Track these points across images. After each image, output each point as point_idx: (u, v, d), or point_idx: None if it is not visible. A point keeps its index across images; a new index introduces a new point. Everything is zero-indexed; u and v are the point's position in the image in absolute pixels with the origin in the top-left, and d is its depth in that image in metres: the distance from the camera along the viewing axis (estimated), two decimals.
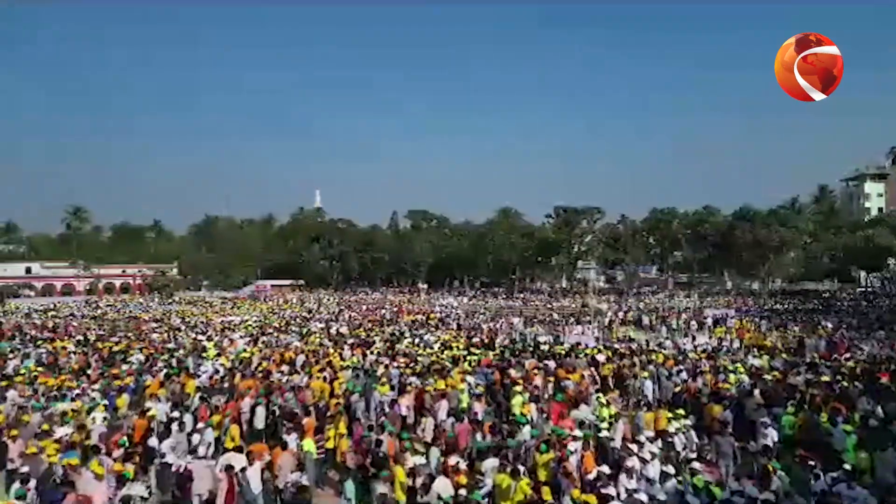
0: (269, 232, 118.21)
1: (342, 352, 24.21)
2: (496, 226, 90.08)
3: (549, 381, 18.10)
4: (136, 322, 39.91)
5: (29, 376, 18.11)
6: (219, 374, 19.31)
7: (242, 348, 25.08)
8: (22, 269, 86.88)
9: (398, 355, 22.87)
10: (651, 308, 49.39)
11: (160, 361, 21.09)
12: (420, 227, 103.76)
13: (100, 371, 19.62)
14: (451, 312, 45.12)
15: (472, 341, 26.50)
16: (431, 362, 20.83)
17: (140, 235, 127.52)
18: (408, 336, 28.91)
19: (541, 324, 36.92)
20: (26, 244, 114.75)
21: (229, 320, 39.22)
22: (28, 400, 15.44)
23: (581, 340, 26.56)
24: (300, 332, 31.98)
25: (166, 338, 29.75)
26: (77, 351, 24.07)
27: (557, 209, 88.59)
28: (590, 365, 20.62)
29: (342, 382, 17.69)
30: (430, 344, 25.48)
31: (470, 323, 38.30)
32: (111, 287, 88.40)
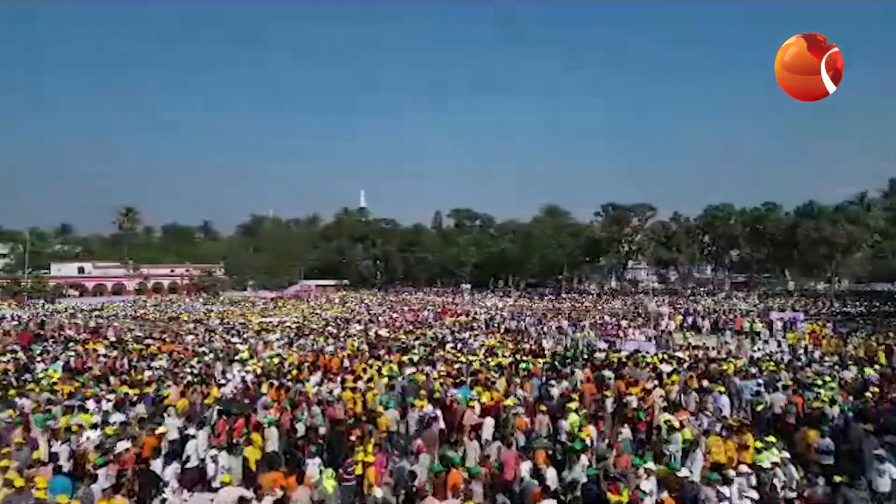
0: (314, 232, 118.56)
1: (379, 357, 22.62)
2: (542, 224, 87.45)
3: (608, 395, 15.97)
4: (176, 323, 39.36)
5: (48, 382, 17.05)
6: (245, 381, 17.91)
7: (276, 353, 23.71)
8: (75, 269, 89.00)
9: (438, 362, 21.10)
10: (710, 310, 46.17)
11: (187, 367, 19.85)
12: (464, 227, 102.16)
13: (123, 377, 18.48)
14: (496, 314, 43.08)
15: (520, 347, 24.47)
16: (474, 371, 18.96)
17: (189, 236, 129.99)
18: (450, 340, 27.10)
19: (592, 327, 34.51)
20: (81, 245, 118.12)
21: (267, 321, 38.25)
22: (37, 409, 14.27)
23: (640, 347, 24.17)
24: (338, 334, 30.62)
25: (200, 340, 28.77)
26: (107, 354, 23.16)
27: (606, 207, 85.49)
28: (653, 376, 18.36)
29: (376, 394, 16.00)
30: (473, 350, 23.55)
31: (516, 326, 36.22)
32: (159, 287, 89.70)
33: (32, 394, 15.46)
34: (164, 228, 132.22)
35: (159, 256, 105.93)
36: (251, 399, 15.87)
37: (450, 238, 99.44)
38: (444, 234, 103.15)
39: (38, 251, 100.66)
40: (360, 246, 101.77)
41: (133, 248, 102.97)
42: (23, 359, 21.94)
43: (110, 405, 14.16)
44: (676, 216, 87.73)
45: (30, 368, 20.72)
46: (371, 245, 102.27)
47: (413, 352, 23.10)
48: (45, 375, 18.09)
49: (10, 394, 15.45)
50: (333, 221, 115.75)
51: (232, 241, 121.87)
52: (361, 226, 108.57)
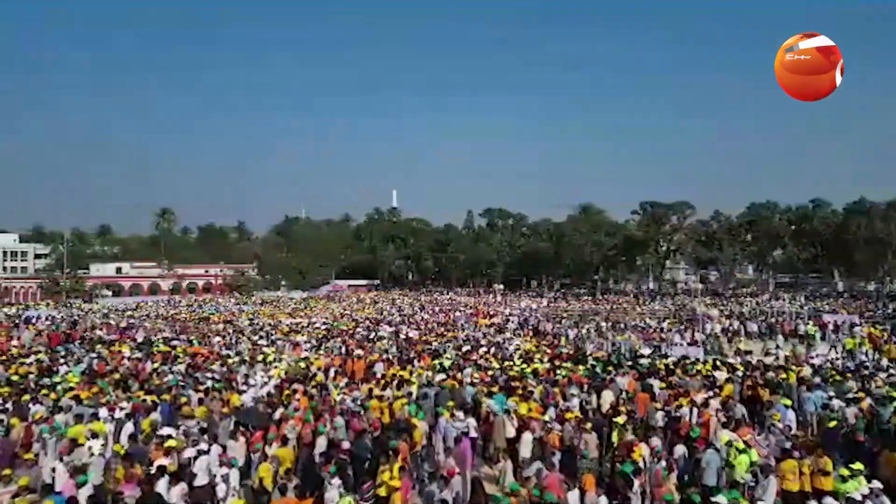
0: (346, 232, 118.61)
1: (409, 361, 21.52)
2: (577, 223, 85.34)
3: (657, 407, 14.53)
4: (206, 323, 38.99)
5: (64, 387, 16.39)
6: (268, 387, 16.98)
7: (302, 357, 22.80)
8: (113, 269, 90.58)
9: (471, 367, 19.87)
10: (757, 312, 43.85)
11: (209, 371, 19.03)
12: (496, 226, 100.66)
13: (144, 381, 17.74)
14: (531, 316, 41.62)
15: (559, 351, 23.06)
16: (510, 378, 17.68)
17: (224, 236, 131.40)
18: (483, 344, 25.83)
19: (634, 330, 32.82)
20: (120, 245, 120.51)
21: (296, 322, 37.56)
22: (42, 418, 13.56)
23: (689, 353, 22.52)
24: (367, 336, 29.66)
25: (227, 342, 28.09)
26: (132, 356, 22.55)
27: (644, 205, 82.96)
28: (706, 385, 16.81)
29: (404, 403, 14.86)
30: (508, 356, 22.21)
31: (552, 328, 34.74)
32: (194, 287, 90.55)
33: (47, 399, 14.77)
34: (200, 229, 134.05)
35: (195, 257, 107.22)
36: (272, 407, 14.91)
37: (482, 237, 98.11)
38: (475, 233, 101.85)
39: (78, 252, 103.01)
40: (391, 246, 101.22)
41: (170, 248, 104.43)
42: (46, 361, 21.45)
43: (123, 413, 13.28)
44: (717, 214, 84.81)
45: (52, 371, 20.23)
46: (402, 245, 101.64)
47: (444, 356, 21.92)
48: (62, 379, 17.42)
49: (23, 399, 14.78)
50: (365, 221, 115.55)
51: (265, 242, 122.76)
52: (393, 226, 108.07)
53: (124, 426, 12.71)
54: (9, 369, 19.58)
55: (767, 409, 14.73)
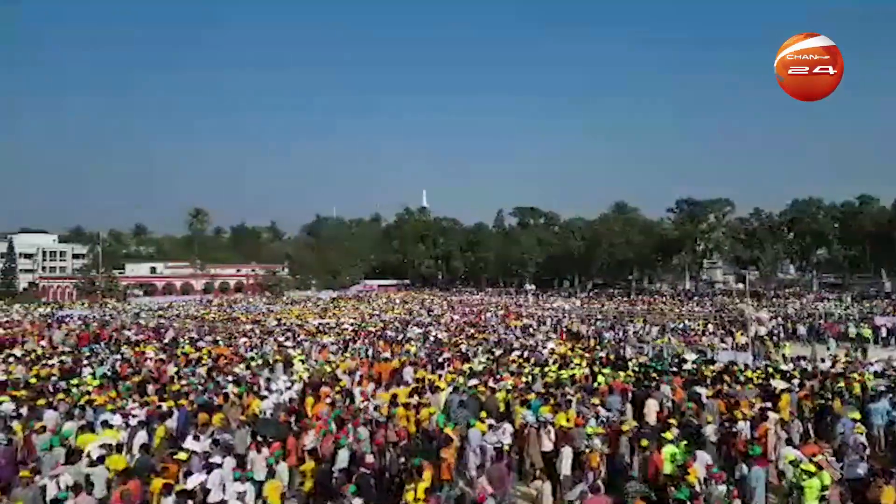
0: (376, 232, 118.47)
1: (439, 365, 20.57)
2: (611, 222, 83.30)
3: (709, 420, 13.26)
4: (235, 324, 38.68)
5: (82, 390, 15.87)
6: (291, 392, 16.19)
7: (326, 360, 22.00)
8: (147, 269, 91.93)
9: (504, 371, 18.83)
10: (804, 314, 41.69)
11: (231, 374, 18.35)
12: (527, 225, 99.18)
13: (162, 384, 17.14)
14: (564, 317, 40.28)
15: (598, 356, 21.80)
16: (546, 384, 16.57)
17: (257, 237, 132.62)
18: (516, 347, 24.70)
19: (674, 333, 31.33)
20: (155, 245, 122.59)
21: (325, 323, 36.95)
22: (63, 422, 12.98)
23: (736, 358, 21.05)
24: (395, 338, 28.78)
25: (253, 342, 27.51)
26: (156, 357, 22.05)
27: (680, 202, 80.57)
28: (762, 395, 15.44)
29: (432, 412, 13.90)
30: (542, 360, 21.03)
31: (587, 330, 33.40)
32: (226, 286, 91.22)
33: (62, 404, 14.20)
34: (232, 229, 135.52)
35: (227, 257, 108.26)
36: (294, 414, 14.10)
37: (512, 237, 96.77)
38: (506, 232, 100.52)
39: (114, 252, 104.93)
40: (421, 245, 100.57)
41: (203, 248, 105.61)
42: (69, 362, 21.08)
43: (136, 420, 12.57)
44: (757, 212, 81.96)
45: (75, 372, 19.83)
46: (432, 244, 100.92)
47: (475, 360, 20.89)
48: (79, 382, 16.90)
49: (39, 403, 14.24)
50: (395, 221, 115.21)
51: (296, 242, 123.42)
52: (423, 225, 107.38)
53: (137, 434, 12.01)
54: (31, 370, 19.24)
55: (834, 423, 13.38)
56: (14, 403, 13.98)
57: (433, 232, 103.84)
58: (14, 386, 16.42)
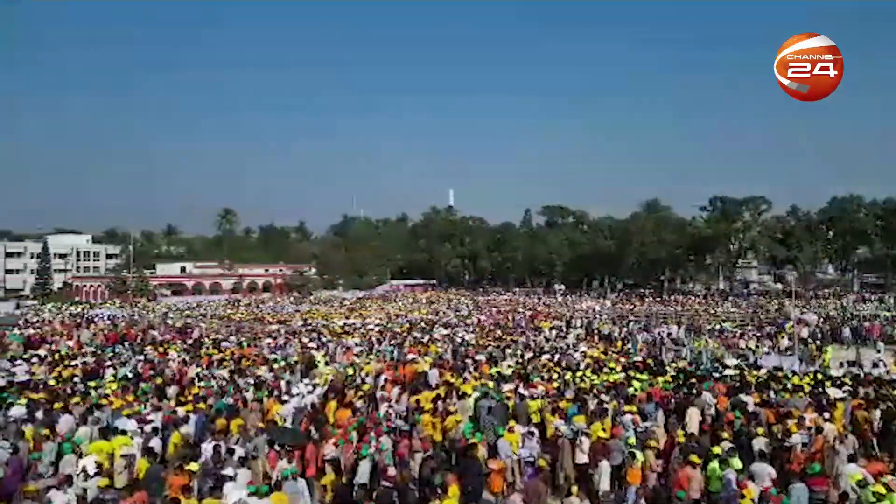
0: (403, 231, 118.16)
1: (464, 368, 19.80)
2: (642, 220, 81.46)
3: (758, 433, 12.23)
4: (261, 324, 38.45)
5: (102, 392, 15.50)
6: (312, 395, 15.56)
7: (349, 362, 21.37)
8: (177, 268, 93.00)
9: (534, 376, 17.97)
10: (847, 316, 39.84)
11: (252, 377, 17.83)
12: (555, 224, 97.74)
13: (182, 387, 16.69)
14: (595, 318, 39.13)
15: (633, 360, 20.76)
16: (579, 390, 15.68)
17: (285, 237, 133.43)
18: (546, 350, 23.76)
19: (711, 335, 30.05)
20: (186, 246, 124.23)
21: (350, 323, 36.44)
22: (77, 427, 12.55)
23: (781, 363, 19.82)
24: (422, 339, 28.06)
25: (278, 343, 27.05)
26: (178, 359, 21.67)
27: (714, 200, 78.44)
28: (814, 404, 14.32)
29: (459, 420, 13.14)
30: (574, 364, 20.08)
31: (619, 332, 32.29)
32: (254, 286, 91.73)
33: (77, 408, 13.80)
34: (261, 229, 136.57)
35: (256, 257, 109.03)
36: (314, 421, 13.46)
37: (540, 236, 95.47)
38: (534, 232, 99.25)
39: (146, 252, 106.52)
40: (447, 245, 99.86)
41: (233, 248, 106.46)
42: (91, 363, 20.84)
43: (150, 427, 12.05)
44: (794, 210, 79.42)
45: (98, 374, 19.57)
46: (459, 244, 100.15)
47: (504, 363, 20.04)
48: (97, 384, 16.53)
49: (55, 407, 13.86)
50: (422, 221, 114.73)
51: (323, 242, 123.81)
52: (449, 224, 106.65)
53: (151, 441, 11.50)
54: (52, 371, 19.01)
55: None
56: (28, 407, 13.60)
57: (460, 231, 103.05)
58: (33, 388, 16.14)
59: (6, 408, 13.40)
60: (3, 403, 14.38)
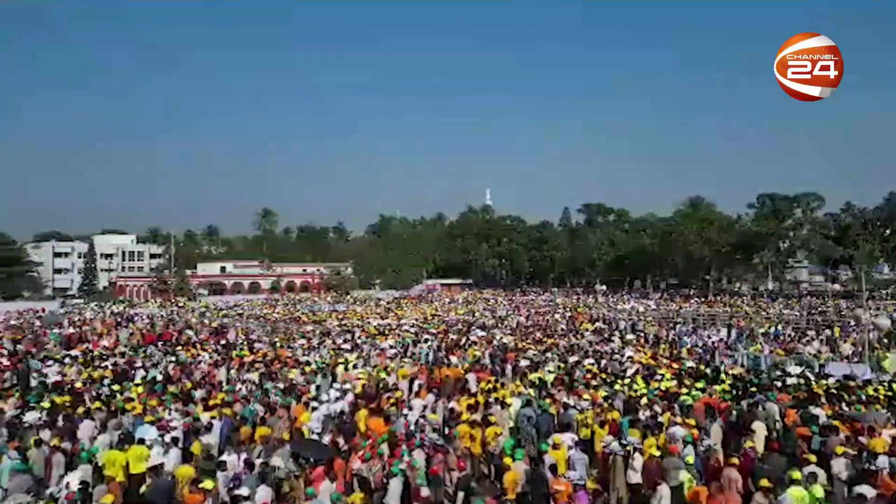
0: (439, 231, 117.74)
1: (502, 373, 18.74)
2: (686, 218, 78.84)
3: (837, 453, 10.84)
4: (296, 324, 38.05)
5: (124, 397, 14.99)
6: (343, 402, 14.74)
7: (379, 365, 20.49)
8: (217, 268, 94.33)
9: (578, 383, 16.81)
10: None
11: (282, 380, 17.14)
12: (595, 222, 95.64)
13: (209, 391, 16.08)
14: (639, 320, 37.48)
15: (684, 366, 19.31)
16: (629, 399, 14.44)
17: (323, 236, 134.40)
18: (590, 353, 22.43)
19: (765, 339, 28.23)
20: (226, 245, 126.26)
21: (385, 324, 35.68)
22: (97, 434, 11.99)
23: (853, 372, 18.12)
24: (458, 341, 27.06)
25: (311, 344, 26.39)
26: (209, 361, 21.14)
27: (762, 197, 75.38)
28: (894, 420, 12.80)
29: (499, 433, 12.09)
30: (620, 371, 18.76)
31: (666, 335, 30.68)
32: (293, 285, 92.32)
33: (99, 413, 13.27)
34: (300, 229, 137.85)
35: (295, 256, 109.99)
36: (342, 431, 12.59)
37: (579, 235, 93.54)
38: (573, 230, 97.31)
39: (187, 251, 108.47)
40: (484, 244, 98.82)
41: (272, 248, 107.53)
42: (122, 364, 20.52)
43: (170, 437, 11.36)
44: (849, 207, 75.77)
45: (128, 376, 19.21)
46: (496, 243, 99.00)
47: (545, 368, 18.87)
48: (121, 388, 16.02)
49: (77, 412, 13.37)
50: (458, 220, 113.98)
51: (361, 241, 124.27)
52: (486, 224, 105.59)
53: (170, 453, 10.81)
54: (81, 373, 18.69)
55: None
56: (49, 411, 13.13)
57: (497, 230, 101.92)
58: (58, 390, 15.75)
59: (23, 412, 12.96)
60: (26, 407, 14.02)
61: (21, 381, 18.58)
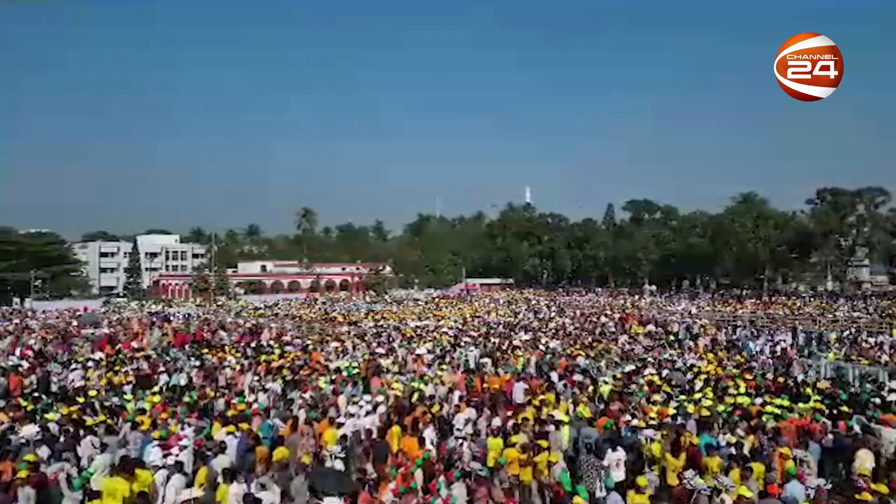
0: (478, 230, 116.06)
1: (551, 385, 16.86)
2: (738, 215, 74.96)
3: None
4: (331, 325, 36.80)
5: (135, 407, 13.73)
6: (373, 417, 13.14)
7: (422, 372, 18.83)
8: (258, 267, 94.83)
9: (636, 395, 14.84)
10: None
11: (309, 390, 15.62)
12: (641, 220, 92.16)
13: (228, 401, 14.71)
14: (694, 323, 34.91)
15: (758, 376, 17.03)
16: (704, 421, 12.41)
17: (363, 235, 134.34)
18: (649, 361, 20.24)
19: (841, 344, 25.57)
20: (267, 245, 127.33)
21: (423, 325, 34.01)
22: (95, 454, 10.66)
23: None
24: (500, 346, 25.10)
25: (344, 347, 24.85)
26: (235, 366, 19.75)
27: (822, 192, 70.97)
28: None
29: (554, 461, 10.26)
30: (685, 382, 16.57)
31: (726, 340, 28.24)
32: (332, 285, 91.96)
33: (103, 428, 11.96)
34: (339, 229, 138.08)
35: (335, 255, 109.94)
36: (374, 452, 10.94)
37: (624, 233, 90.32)
38: (618, 228, 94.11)
39: (229, 251, 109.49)
40: (525, 243, 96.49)
41: (312, 247, 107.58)
42: (145, 368, 19.39)
43: (174, 459, 9.91)
44: None
45: (151, 380, 18.08)
46: (537, 242, 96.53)
47: (602, 379, 16.87)
48: (131, 398, 14.69)
49: (87, 423, 12.11)
50: (498, 218, 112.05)
51: (400, 241, 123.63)
52: (526, 222, 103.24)
53: (172, 478, 9.37)
54: (102, 379, 17.58)
55: None
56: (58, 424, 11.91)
57: (538, 229, 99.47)
58: (66, 398, 14.58)
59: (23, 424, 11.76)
60: (34, 417, 12.90)
61: (40, 387, 17.63)
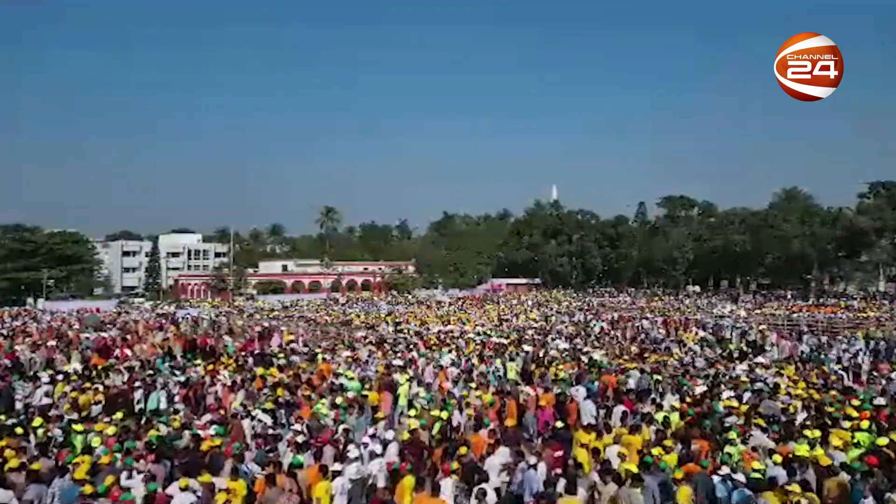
0: (504, 228, 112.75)
1: (606, 411, 13.78)
2: (781, 212, 70.59)
3: None
4: (348, 328, 34.05)
5: (85, 441, 11.00)
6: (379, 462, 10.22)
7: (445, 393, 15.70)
8: (279, 266, 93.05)
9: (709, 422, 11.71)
10: None
11: (302, 418, 12.73)
12: (677, 217, 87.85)
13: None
14: (749, 328, 31.23)
15: (865, 402, 13.64)
16: (795, 460, 9.23)
17: (386, 235, 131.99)
18: (721, 380, 16.80)
19: None
20: (290, 244, 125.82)
21: (447, 330, 30.88)
22: None
23: None
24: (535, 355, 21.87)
25: (356, 356, 21.74)
26: (226, 382, 16.88)
27: (875, 186, 66.38)
28: None
29: None
30: (776, 408, 13.16)
31: (791, 349, 24.71)
32: (353, 284, 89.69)
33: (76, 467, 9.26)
34: (362, 227, 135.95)
35: (358, 255, 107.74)
36: None
37: (658, 231, 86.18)
38: (652, 226, 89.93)
39: (252, 250, 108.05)
40: (553, 241, 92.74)
41: (335, 246, 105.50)
42: (120, 384, 16.67)
43: None
44: None
45: (128, 400, 15.44)
46: (566, 240, 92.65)
47: (665, 404, 13.64)
48: (82, 429, 11.83)
49: (7, 466, 9.40)
50: (525, 216, 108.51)
51: (424, 239, 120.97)
52: (554, 220, 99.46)
53: None
54: (66, 397, 14.94)
55: None
56: None
57: (567, 227, 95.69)
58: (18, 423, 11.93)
59: None
60: None
61: (1, 404, 15.15)
